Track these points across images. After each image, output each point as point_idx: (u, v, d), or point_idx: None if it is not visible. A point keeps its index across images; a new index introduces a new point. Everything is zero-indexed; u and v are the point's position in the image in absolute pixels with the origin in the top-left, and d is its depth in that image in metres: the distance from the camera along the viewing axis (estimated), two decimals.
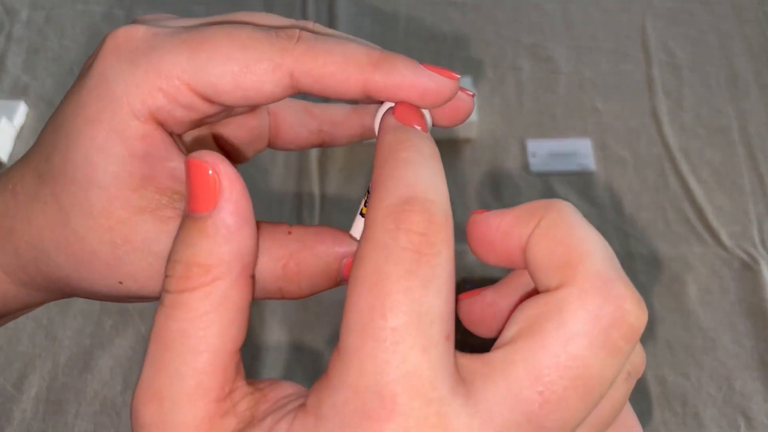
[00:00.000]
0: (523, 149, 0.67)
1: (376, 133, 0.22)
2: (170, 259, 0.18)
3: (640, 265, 0.60)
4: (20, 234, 0.22)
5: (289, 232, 0.22)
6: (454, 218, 0.18)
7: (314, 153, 0.67)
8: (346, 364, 0.16)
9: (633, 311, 0.17)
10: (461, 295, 0.21)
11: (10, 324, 0.41)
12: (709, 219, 0.62)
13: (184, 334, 0.17)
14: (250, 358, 0.56)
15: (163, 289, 0.18)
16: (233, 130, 0.25)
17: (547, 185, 0.65)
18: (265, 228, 0.22)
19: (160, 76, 0.20)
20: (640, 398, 0.54)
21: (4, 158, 0.68)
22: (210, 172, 0.18)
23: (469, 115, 0.22)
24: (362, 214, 0.22)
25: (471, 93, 0.22)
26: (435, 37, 0.76)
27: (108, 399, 0.55)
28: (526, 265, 0.19)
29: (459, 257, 0.62)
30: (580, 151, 0.67)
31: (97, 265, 0.21)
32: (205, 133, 0.25)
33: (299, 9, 0.78)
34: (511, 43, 0.75)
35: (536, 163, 0.66)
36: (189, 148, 0.24)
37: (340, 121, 0.26)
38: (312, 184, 0.65)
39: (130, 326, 0.58)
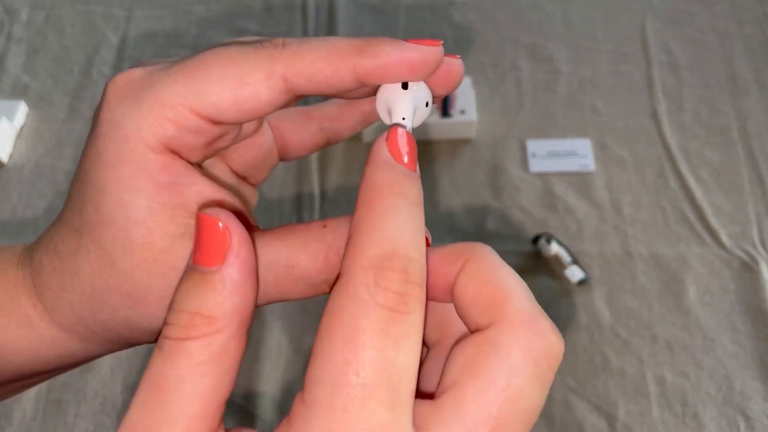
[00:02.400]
0: (523, 149, 0.67)
1: (380, 117, 0.22)
2: (173, 308, 0.18)
3: (640, 265, 0.60)
4: (71, 288, 0.22)
5: (324, 226, 0.22)
6: (452, 220, 0.19)
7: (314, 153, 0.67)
8: (314, 414, 0.17)
9: (556, 342, 0.19)
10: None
11: None
12: (708, 219, 0.62)
13: (181, 380, 0.18)
14: (250, 360, 0.56)
15: (163, 336, 0.18)
16: (244, 153, 0.26)
17: (547, 185, 0.65)
18: (299, 228, 0.22)
19: (164, 107, 0.20)
20: (640, 398, 0.54)
21: (4, 158, 0.67)
22: (220, 226, 0.18)
23: (461, 76, 0.23)
24: None
25: (457, 56, 0.23)
26: (435, 37, 0.76)
27: (108, 399, 0.55)
28: (454, 303, 0.20)
29: None
30: (580, 151, 0.67)
31: (151, 298, 0.22)
32: (222, 169, 0.26)
33: (299, 9, 0.78)
34: (511, 43, 0.75)
35: (536, 163, 0.66)
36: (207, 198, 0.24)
37: (337, 115, 0.27)
38: (312, 184, 0.65)
39: None
